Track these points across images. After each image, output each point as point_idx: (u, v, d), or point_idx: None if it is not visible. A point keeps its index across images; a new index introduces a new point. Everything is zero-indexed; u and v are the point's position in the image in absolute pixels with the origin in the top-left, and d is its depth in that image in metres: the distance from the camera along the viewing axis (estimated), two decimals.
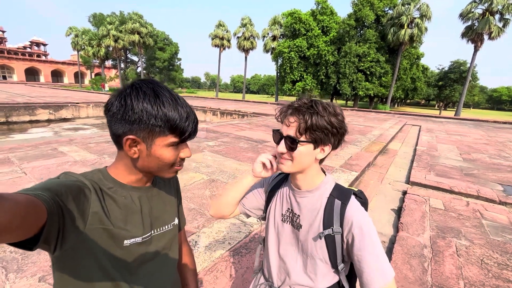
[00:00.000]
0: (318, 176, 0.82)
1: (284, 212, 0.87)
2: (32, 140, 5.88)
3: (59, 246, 0.50)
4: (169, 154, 0.61)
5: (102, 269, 0.59)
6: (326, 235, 0.75)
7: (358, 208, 0.77)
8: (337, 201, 0.77)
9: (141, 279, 0.66)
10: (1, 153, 4.54)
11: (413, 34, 23.55)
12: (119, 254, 0.61)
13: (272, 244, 0.90)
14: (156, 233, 0.70)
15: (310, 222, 0.79)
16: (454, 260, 2.39)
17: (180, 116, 0.59)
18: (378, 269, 0.69)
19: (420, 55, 29.65)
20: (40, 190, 0.45)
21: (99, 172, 0.64)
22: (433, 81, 50.19)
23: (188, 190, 3.37)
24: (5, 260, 1.91)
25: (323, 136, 0.72)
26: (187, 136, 0.62)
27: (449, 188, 4.19)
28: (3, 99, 15.61)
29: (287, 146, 0.74)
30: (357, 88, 26.00)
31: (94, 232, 0.55)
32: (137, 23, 38.61)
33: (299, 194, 0.83)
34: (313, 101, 0.72)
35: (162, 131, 0.58)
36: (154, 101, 0.56)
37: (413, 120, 16.98)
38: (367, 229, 0.72)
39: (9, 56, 60.83)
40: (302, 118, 0.71)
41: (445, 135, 10.61)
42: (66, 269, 0.57)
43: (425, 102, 76.02)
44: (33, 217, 0.40)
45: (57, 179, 0.54)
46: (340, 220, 0.75)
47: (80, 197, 0.53)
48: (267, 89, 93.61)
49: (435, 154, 6.85)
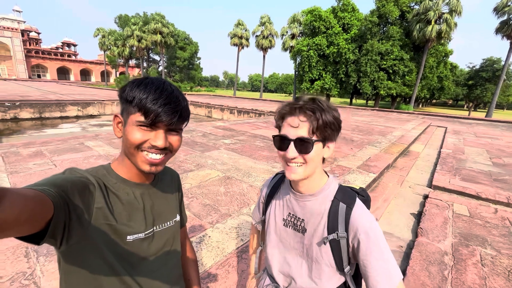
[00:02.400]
0: (321, 178, 0.78)
1: (285, 217, 0.84)
2: (62, 135, 6.30)
3: (65, 241, 0.50)
4: (134, 134, 0.60)
5: (107, 264, 0.60)
6: (331, 239, 0.73)
7: (364, 211, 0.74)
8: (341, 205, 0.74)
9: (144, 274, 0.67)
10: (35, 146, 4.90)
11: (441, 30, 22.30)
12: (123, 250, 0.62)
13: (275, 249, 0.88)
14: (158, 229, 0.71)
15: (314, 226, 0.77)
16: (478, 269, 2.26)
17: (149, 96, 0.58)
18: (384, 272, 0.67)
19: (449, 53, 28.00)
20: (46, 186, 0.46)
21: (103, 168, 0.65)
22: (463, 80, 47.13)
23: (204, 186, 3.45)
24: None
25: (331, 133, 0.70)
26: (153, 117, 0.58)
27: (476, 194, 3.95)
28: (37, 96, 16.79)
29: (298, 149, 0.69)
30: (379, 87, 25.10)
31: (99, 227, 0.57)
32: (159, 23, 39.84)
33: (302, 198, 0.79)
34: (315, 99, 0.70)
35: (132, 108, 0.60)
36: (137, 82, 0.61)
37: (439, 121, 16.10)
38: (373, 234, 0.69)
39: (44, 56, 65.43)
40: (313, 116, 0.67)
41: (474, 138, 9.97)
42: (72, 264, 0.58)
43: (452, 102, 71.72)
44: (40, 212, 0.41)
45: (63, 175, 0.55)
46: (345, 225, 0.72)
47: (85, 193, 0.54)
48: (285, 88, 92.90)
49: (461, 157, 6.46)
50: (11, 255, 1.94)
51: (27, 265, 1.84)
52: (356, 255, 0.72)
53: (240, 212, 2.80)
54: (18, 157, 4.23)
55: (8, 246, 2.03)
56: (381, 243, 0.69)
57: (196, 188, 3.36)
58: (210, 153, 5.18)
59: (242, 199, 3.13)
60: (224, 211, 2.80)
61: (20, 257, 1.92)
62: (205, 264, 1.95)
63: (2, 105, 12.73)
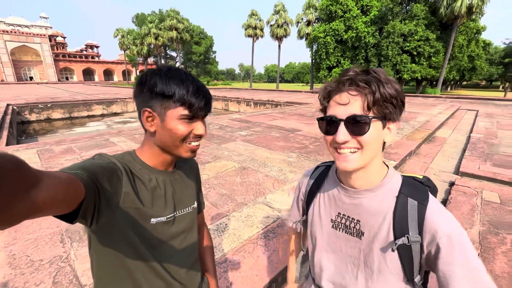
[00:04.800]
0: (381, 169, 0.65)
1: (334, 218, 0.71)
2: (89, 132, 6.70)
3: (95, 221, 0.55)
4: (181, 127, 0.63)
5: (130, 244, 0.63)
6: (400, 245, 0.59)
7: (443, 210, 0.60)
8: (411, 201, 0.60)
9: (164, 256, 0.71)
10: (65, 144, 5.28)
11: (472, 4, 20.36)
12: (146, 231, 0.65)
13: (323, 254, 0.75)
14: (179, 214, 0.75)
15: (375, 229, 0.63)
16: (508, 258, 2.14)
17: (188, 89, 0.62)
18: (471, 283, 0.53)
19: (481, 29, 25.62)
20: (79, 170, 0.49)
21: (129, 155, 0.68)
22: (497, 58, 43.03)
23: (221, 177, 3.54)
24: (70, 231, 2.27)
25: (392, 109, 0.58)
26: (197, 109, 0.63)
27: (509, 180, 3.68)
28: (66, 97, 17.91)
29: (351, 131, 0.58)
30: (402, 71, 23.70)
31: (126, 210, 0.60)
32: (175, 20, 40.37)
33: (356, 194, 0.66)
34: (368, 69, 0.58)
35: (172, 103, 0.61)
36: (164, 75, 0.61)
37: (469, 104, 14.97)
38: (457, 237, 0.55)
39: (70, 59, 69.31)
40: (368, 88, 0.56)
41: (509, 120, 9.18)
42: (100, 244, 0.63)
43: (486, 83, 66.09)
44: (73, 193, 0.44)
45: (93, 160, 0.59)
46: (418, 226, 0.59)
47: (113, 177, 0.57)
48: (302, 77, 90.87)
49: (494, 142, 6.00)
50: (48, 240, 2.14)
51: (63, 250, 2.03)
52: (432, 263, 0.58)
53: (255, 201, 2.85)
54: (52, 153, 4.59)
55: (46, 233, 2.25)
56: (467, 249, 0.55)
57: (213, 179, 3.46)
58: (227, 145, 5.26)
59: (258, 189, 3.17)
60: (240, 200, 2.86)
61: (57, 243, 2.11)
62: (223, 249, 2.02)
63: (37, 107, 13.76)
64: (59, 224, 2.37)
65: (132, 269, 0.66)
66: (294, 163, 4.14)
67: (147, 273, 0.68)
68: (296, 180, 3.48)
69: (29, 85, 43.93)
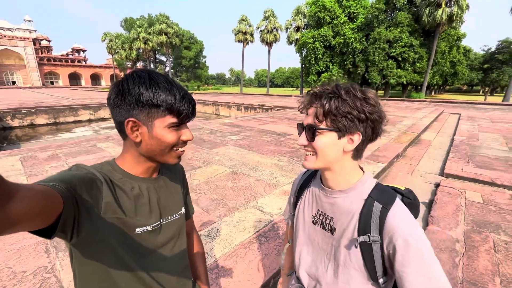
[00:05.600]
0: (353, 173, 0.71)
1: (314, 214, 0.79)
2: (76, 138, 6.52)
3: (75, 234, 0.52)
4: (169, 136, 0.63)
5: (116, 256, 0.61)
6: (362, 242, 0.65)
7: (404, 214, 0.63)
8: (377, 204, 0.65)
9: (152, 265, 0.69)
10: (50, 150, 5.12)
11: (453, 13, 21.38)
12: (132, 242, 0.64)
13: (303, 247, 0.82)
14: (165, 222, 0.73)
15: (344, 226, 0.70)
16: (491, 256, 2.22)
17: (175, 96, 0.60)
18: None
19: (461, 36, 26.83)
20: (55, 182, 0.47)
21: (109, 164, 0.66)
22: (477, 64, 45.04)
23: (212, 182, 3.52)
24: (55, 240, 2.19)
25: (348, 123, 0.63)
26: (185, 117, 0.63)
27: (490, 180, 3.83)
28: (51, 102, 17.39)
29: (307, 137, 0.67)
30: (388, 76, 24.44)
31: (108, 221, 0.58)
32: (164, 24, 40.20)
33: (331, 194, 0.73)
34: (336, 85, 0.64)
35: (160, 112, 0.60)
36: (149, 83, 0.59)
37: (452, 108, 15.56)
38: (414, 241, 0.58)
39: (55, 63, 67.42)
40: (319, 102, 0.64)
41: (489, 123, 9.60)
42: (83, 257, 0.60)
43: (467, 88, 68.91)
44: (51, 206, 0.42)
45: (70, 171, 0.56)
46: (379, 227, 0.63)
47: (93, 188, 0.55)
48: (292, 82, 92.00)
49: (475, 144, 6.26)
50: (32, 251, 2.06)
51: (48, 260, 1.95)
52: (391, 264, 0.63)
53: (247, 206, 2.85)
54: (36, 160, 4.44)
55: (30, 243, 2.16)
56: (425, 254, 0.57)
57: (204, 184, 3.43)
58: (218, 149, 5.25)
59: (249, 193, 3.17)
60: (231, 205, 2.85)
61: (41, 253, 2.04)
62: (214, 255, 2.01)
63: (19, 113, 13.28)
64: None
65: (118, 280, 0.64)
66: (285, 167, 4.17)
67: (134, 284, 0.66)
68: (287, 183, 3.50)
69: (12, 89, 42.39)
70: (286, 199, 3.03)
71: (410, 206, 0.72)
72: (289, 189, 3.32)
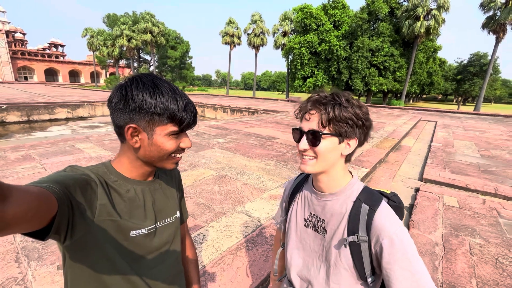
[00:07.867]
0: (343, 177, 0.75)
1: (306, 217, 0.81)
2: (51, 137, 6.15)
3: (69, 236, 0.51)
4: (169, 143, 0.63)
5: (109, 260, 0.61)
6: (351, 242, 0.68)
7: (389, 215, 0.68)
8: (364, 206, 0.69)
9: (145, 269, 0.68)
10: (23, 150, 4.79)
11: (430, 26, 22.68)
12: (126, 245, 0.63)
13: (295, 250, 0.84)
14: (160, 225, 0.72)
15: (334, 228, 0.73)
16: (467, 258, 2.33)
17: (178, 105, 0.60)
18: (412, 285, 0.59)
19: (437, 48, 28.50)
20: (50, 183, 0.46)
21: (104, 166, 0.65)
22: (451, 75, 48.06)
23: (198, 185, 3.44)
24: (27, 249, 2.03)
25: (348, 129, 0.67)
26: (186, 126, 0.64)
27: (465, 186, 4.05)
28: (24, 99, 16.38)
29: (309, 142, 0.69)
30: (370, 84, 25.40)
31: (102, 223, 0.57)
32: (149, 23, 39.29)
33: (323, 197, 0.76)
34: (334, 93, 0.68)
35: (162, 120, 0.60)
36: (153, 91, 0.58)
37: (429, 116, 16.40)
38: (399, 240, 0.63)
39: (30, 58, 63.65)
40: (323, 109, 0.66)
41: (463, 131, 10.20)
42: (76, 260, 0.59)
43: (442, 97, 73.13)
44: (45, 208, 0.41)
45: (64, 172, 0.55)
46: (366, 227, 0.67)
47: (87, 189, 0.55)
48: (278, 86, 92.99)
49: (451, 150, 6.61)
50: (1, 260, 1.90)
51: (18, 270, 1.80)
52: (378, 263, 0.67)
53: (234, 210, 2.81)
54: (6, 161, 4.13)
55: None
56: (409, 251, 0.62)
57: (190, 188, 3.35)
58: (204, 152, 5.16)
59: (236, 197, 3.13)
60: (218, 210, 2.80)
61: (11, 262, 1.88)
62: (201, 262, 1.95)
63: None
64: (12, 241, 2.12)
65: (110, 285, 0.63)
66: (272, 171, 4.17)
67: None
68: (274, 188, 3.50)
69: None
70: (274, 203, 3.02)
71: (396, 209, 0.76)
72: (276, 193, 3.32)
